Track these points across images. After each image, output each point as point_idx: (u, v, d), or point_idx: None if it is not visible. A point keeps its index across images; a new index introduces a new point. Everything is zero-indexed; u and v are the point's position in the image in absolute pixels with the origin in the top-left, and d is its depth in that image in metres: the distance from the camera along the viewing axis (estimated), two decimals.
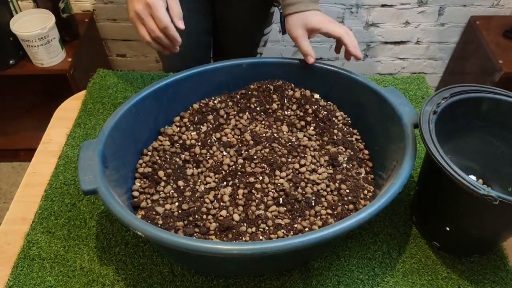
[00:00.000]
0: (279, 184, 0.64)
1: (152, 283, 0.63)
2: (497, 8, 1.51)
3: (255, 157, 0.67)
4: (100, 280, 0.63)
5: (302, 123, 0.74)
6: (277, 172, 0.65)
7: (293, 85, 0.77)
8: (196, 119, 0.73)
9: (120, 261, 0.65)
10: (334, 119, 0.74)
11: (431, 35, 1.59)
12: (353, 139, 0.73)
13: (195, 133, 0.72)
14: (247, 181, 0.64)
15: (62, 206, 0.72)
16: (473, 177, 0.69)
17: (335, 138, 0.71)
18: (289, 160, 0.68)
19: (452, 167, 0.53)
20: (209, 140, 0.71)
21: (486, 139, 0.67)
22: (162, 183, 0.66)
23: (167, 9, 0.66)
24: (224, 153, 0.69)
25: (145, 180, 0.66)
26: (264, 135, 0.71)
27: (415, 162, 0.59)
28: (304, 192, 0.63)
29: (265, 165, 0.66)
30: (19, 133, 1.59)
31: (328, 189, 0.64)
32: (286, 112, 0.75)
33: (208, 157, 0.69)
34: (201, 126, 0.73)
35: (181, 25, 0.67)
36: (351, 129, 0.75)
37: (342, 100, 0.76)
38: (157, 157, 0.69)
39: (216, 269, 0.63)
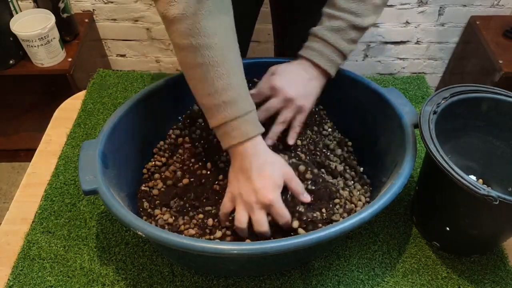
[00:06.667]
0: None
1: (152, 283, 0.63)
2: (497, 8, 1.51)
3: None
4: (100, 280, 0.63)
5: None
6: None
7: None
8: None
9: (120, 261, 0.65)
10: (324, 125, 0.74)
11: (431, 35, 1.59)
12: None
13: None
14: None
15: (62, 206, 0.72)
16: (473, 177, 0.69)
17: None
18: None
19: (452, 167, 0.53)
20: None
21: (486, 139, 0.67)
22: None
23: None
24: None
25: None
26: None
27: (415, 162, 0.59)
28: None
29: None
30: (19, 133, 1.59)
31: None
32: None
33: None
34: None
35: (307, 199, 0.58)
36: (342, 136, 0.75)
37: (342, 100, 0.76)
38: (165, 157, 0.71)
39: (216, 269, 0.63)
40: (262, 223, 0.55)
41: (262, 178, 0.55)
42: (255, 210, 0.54)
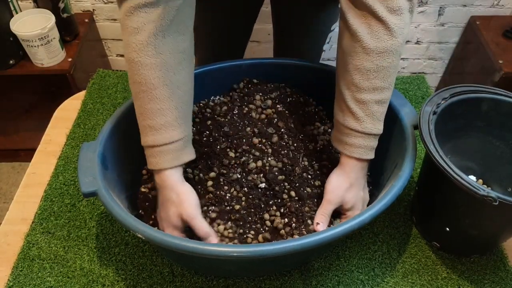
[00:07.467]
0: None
1: (152, 283, 0.63)
2: (497, 8, 1.51)
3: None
4: (100, 280, 0.63)
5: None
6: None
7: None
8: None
9: (120, 261, 0.65)
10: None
11: (431, 35, 1.59)
12: None
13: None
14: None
15: (62, 206, 0.72)
16: (473, 177, 0.69)
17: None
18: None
19: (452, 168, 0.53)
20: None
21: (486, 139, 0.67)
22: None
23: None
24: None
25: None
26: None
27: (415, 162, 0.59)
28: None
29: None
30: (19, 133, 1.59)
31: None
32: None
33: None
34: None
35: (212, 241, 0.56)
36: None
37: None
38: None
39: (215, 269, 0.63)
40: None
41: (164, 212, 0.58)
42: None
